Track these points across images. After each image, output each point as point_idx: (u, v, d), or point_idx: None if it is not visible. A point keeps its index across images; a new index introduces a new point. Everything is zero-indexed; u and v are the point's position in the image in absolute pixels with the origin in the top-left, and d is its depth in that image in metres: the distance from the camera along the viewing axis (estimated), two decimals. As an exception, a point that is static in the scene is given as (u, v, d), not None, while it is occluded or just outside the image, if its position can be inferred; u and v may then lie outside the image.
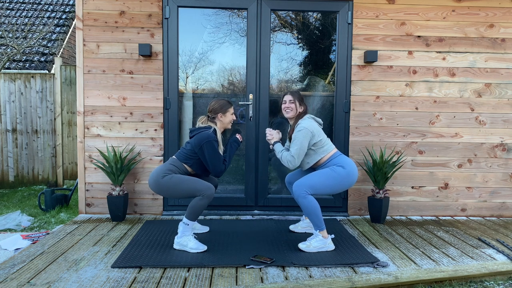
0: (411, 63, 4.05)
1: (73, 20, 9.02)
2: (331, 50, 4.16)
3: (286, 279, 2.51)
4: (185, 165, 3.08)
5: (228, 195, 4.14)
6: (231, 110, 3.20)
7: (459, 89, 4.08)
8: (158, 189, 2.98)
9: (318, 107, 4.20)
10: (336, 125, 4.07)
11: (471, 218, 4.14)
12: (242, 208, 4.13)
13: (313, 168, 3.20)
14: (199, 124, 3.20)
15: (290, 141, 3.23)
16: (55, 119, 6.15)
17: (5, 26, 8.07)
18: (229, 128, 3.25)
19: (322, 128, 3.23)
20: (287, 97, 3.22)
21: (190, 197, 2.97)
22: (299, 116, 3.18)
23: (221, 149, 3.11)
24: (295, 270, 2.65)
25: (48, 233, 3.69)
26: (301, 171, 3.35)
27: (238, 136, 3.27)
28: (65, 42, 8.59)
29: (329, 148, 3.11)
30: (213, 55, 4.12)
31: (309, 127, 3.04)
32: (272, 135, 3.27)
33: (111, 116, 3.99)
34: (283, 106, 3.24)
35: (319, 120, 3.24)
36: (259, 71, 4.03)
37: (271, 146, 3.27)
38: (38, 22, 8.74)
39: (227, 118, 3.19)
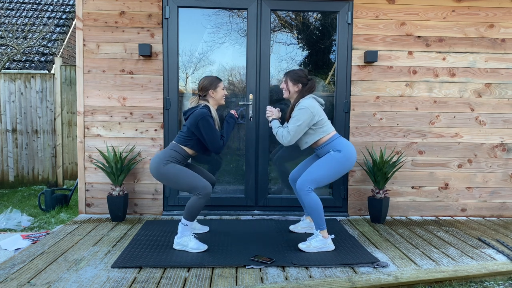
0: (411, 63, 4.05)
1: (73, 20, 9.02)
2: (331, 50, 4.16)
3: (286, 279, 2.51)
4: (185, 147, 3.06)
5: (228, 195, 4.14)
6: (221, 85, 3.18)
7: (459, 89, 4.08)
8: (158, 175, 2.97)
9: (318, 107, 4.20)
10: (336, 125, 4.07)
11: (471, 218, 4.14)
12: (242, 208, 4.13)
13: (311, 150, 3.15)
14: (190, 104, 3.16)
15: (288, 122, 3.18)
16: (55, 119, 6.15)
17: (5, 26, 8.07)
18: (222, 103, 3.23)
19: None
20: (283, 78, 3.22)
21: (186, 191, 2.97)
22: (301, 94, 3.14)
23: (217, 126, 3.10)
24: (295, 270, 2.65)
25: (48, 233, 3.69)
26: (304, 166, 3.35)
27: (233, 111, 3.24)
28: (65, 42, 8.59)
29: (329, 130, 3.09)
30: (213, 55, 4.12)
31: (310, 107, 3.01)
32: (272, 111, 3.26)
33: (111, 116, 3.99)
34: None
35: (321, 100, 3.19)
36: (259, 71, 4.03)
37: (269, 124, 3.26)
38: (38, 22, 8.74)
39: (219, 94, 3.16)
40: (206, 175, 3.31)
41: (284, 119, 3.58)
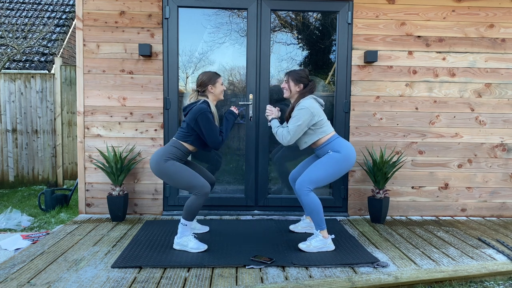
0: (411, 63, 4.05)
1: (73, 20, 9.02)
2: (331, 50, 4.16)
3: (286, 279, 2.51)
4: (185, 144, 3.06)
5: (228, 195, 4.14)
6: (220, 80, 3.17)
7: (459, 89, 4.08)
8: (158, 172, 2.97)
9: (318, 107, 4.20)
10: (336, 125, 4.07)
11: (471, 218, 4.14)
12: (242, 208, 4.13)
13: (311, 150, 3.16)
14: (189, 100, 3.16)
15: (287, 122, 3.19)
16: (55, 119, 6.15)
17: (5, 26, 8.07)
18: (221, 99, 3.22)
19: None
20: (284, 77, 3.22)
21: (184, 189, 2.98)
22: (302, 95, 3.14)
23: (217, 122, 3.09)
24: (295, 270, 2.65)
25: (48, 233, 3.69)
26: (303, 166, 3.35)
27: (233, 108, 3.24)
28: (65, 42, 8.59)
29: (328, 130, 3.09)
30: (213, 55, 4.11)
31: (310, 107, 3.02)
32: (272, 111, 3.26)
33: (111, 116, 3.99)
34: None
35: (321, 101, 3.20)
36: (259, 71, 4.03)
37: (269, 123, 3.26)
38: (38, 22, 8.74)
39: (218, 89, 3.15)
40: (206, 175, 3.31)
41: (283, 119, 3.58)
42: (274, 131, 3.14)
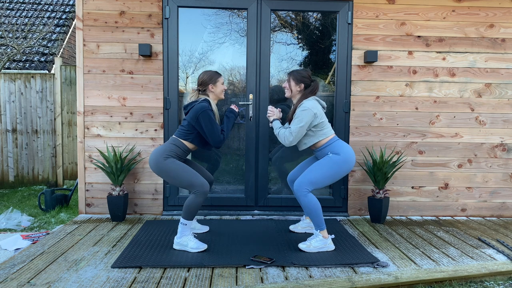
0: (411, 63, 4.05)
1: (73, 20, 9.02)
2: (331, 50, 4.16)
3: (286, 279, 2.51)
4: (185, 142, 3.05)
5: (228, 195, 4.14)
6: (221, 79, 3.17)
7: (459, 89, 4.08)
8: (157, 170, 2.96)
9: (318, 107, 4.20)
10: (336, 125, 4.07)
11: (471, 218, 4.14)
12: (242, 208, 4.13)
13: (310, 150, 3.16)
14: (190, 99, 3.16)
15: (289, 123, 3.19)
16: (55, 119, 6.15)
17: (5, 26, 8.07)
18: (222, 98, 3.22)
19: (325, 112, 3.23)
20: (286, 77, 3.22)
21: (183, 188, 2.98)
22: (304, 95, 3.14)
23: (217, 121, 3.09)
24: (295, 270, 2.65)
25: (48, 233, 3.69)
26: (302, 167, 3.35)
27: (233, 106, 3.24)
28: (65, 42, 8.59)
29: (328, 133, 3.10)
30: (213, 55, 4.12)
31: (313, 108, 3.02)
32: (273, 112, 3.26)
33: (111, 116, 3.99)
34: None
35: (323, 103, 3.19)
36: (259, 71, 4.03)
37: (270, 124, 3.26)
38: (38, 22, 8.74)
39: (218, 88, 3.15)
40: (205, 174, 3.31)
41: (285, 120, 3.59)
42: (276, 132, 3.14)
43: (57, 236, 3.33)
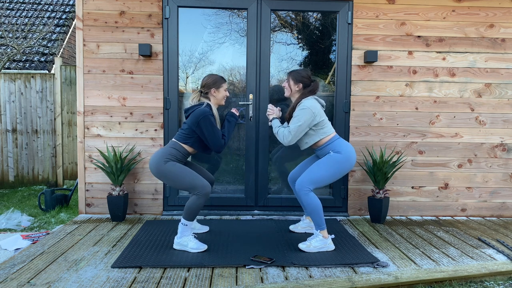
0: (411, 63, 4.05)
1: (73, 20, 9.02)
2: (331, 50, 4.16)
3: (286, 279, 2.51)
4: (185, 146, 3.05)
5: (228, 195, 4.14)
6: (225, 85, 3.17)
7: (459, 89, 4.08)
8: (157, 173, 2.96)
9: (318, 107, 4.20)
10: (336, 125, 4.07)
11: (471, 218, 4.14)
12: (242, 208, 4.13)
13: (311, 150, 3.16)
14: (191, 102, 3.15)
15: (288, 121, 3.19)
16: (55, 119, 6.15)
17: (5, 26, 8.07)
18: (222, 104, 3.21)
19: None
20: (286, 77, 3.23)
21: (185, 190, 2.98)
22: (303, 95, 3.15)
23: (218, 125, 3.09)
24: (295, 270, 2.65)
25: (48, 233, 3.69)
26: (303, 166, 3.35)
27: (233, 110, 3.24)
28: (65, 42, 8.59)
29: (329, 131, 3.10)
30: (213, 55, 4.12)
31: (312, 107, 3.02)
32: (273, 110, 3.27)
33: (111, 116, 3.99)
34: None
35: (322, 101, 3.20)
36: (259, 71, 4.03)
37: (269, 123, 3.26)
38: (38, 22, 8.74)
39: (221, 94, 3.15)
40: (205, 174, 3.30)
41: (284, 119, 3.59)
42: (275, 131, 3.14)
43: (57, 236, 3.33)
